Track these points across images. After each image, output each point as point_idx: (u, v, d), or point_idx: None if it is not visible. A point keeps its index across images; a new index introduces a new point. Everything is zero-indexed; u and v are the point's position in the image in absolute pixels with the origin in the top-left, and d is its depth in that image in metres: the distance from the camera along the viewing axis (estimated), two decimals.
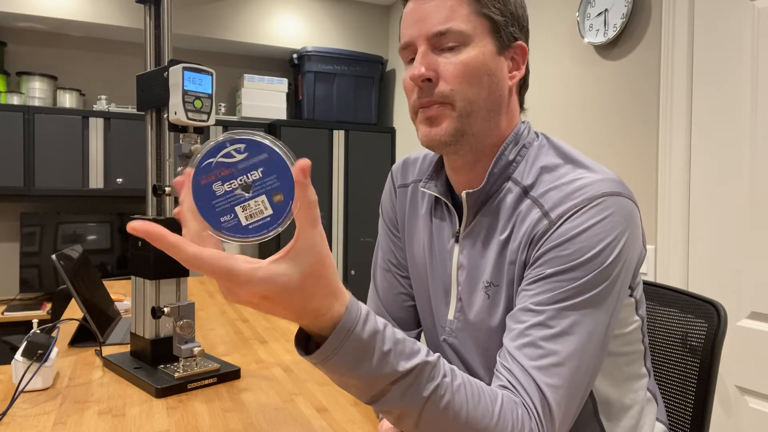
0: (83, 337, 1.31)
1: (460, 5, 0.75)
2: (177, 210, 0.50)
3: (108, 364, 1.14)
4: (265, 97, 3.45)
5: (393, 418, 0.60)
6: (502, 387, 0.67)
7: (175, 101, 1.03)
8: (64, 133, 2.97)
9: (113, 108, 3.19)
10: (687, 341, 0.99)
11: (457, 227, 0.84)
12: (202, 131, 1.09)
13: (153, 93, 1.11)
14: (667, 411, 1.01)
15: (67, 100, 3.11)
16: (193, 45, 3.49)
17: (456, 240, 0.84)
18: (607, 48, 2.08)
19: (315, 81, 3.43)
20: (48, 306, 2.94)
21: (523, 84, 0.84)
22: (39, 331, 1.03)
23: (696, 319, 0.98)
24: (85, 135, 3.02)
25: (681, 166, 1.79)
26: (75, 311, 1.66)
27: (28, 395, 0.99)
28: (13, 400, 0.94)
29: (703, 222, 1.73)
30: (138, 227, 0.46)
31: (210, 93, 1.07)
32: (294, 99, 3.69)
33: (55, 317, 1.93)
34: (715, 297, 1.68)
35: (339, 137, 3.45)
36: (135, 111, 3.17)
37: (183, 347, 1.06)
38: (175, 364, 1.10)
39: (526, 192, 0.77)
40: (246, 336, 1.41)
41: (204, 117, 1.06)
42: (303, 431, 0.87)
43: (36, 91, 3.03)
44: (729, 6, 1.66)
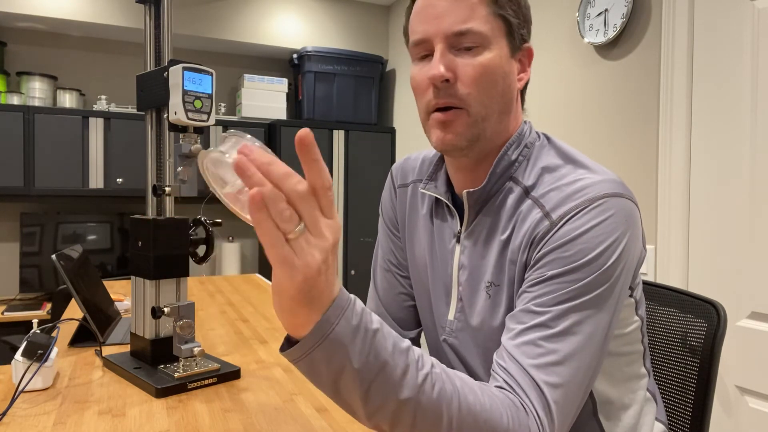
0: (83, 337, 1.31)
1: (480, 5, 0.74)
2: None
3: (108, 364, 1.14)
4: (265, 97, 3.45)
5: (387, 423, 0.59)
6: (498, 387, 0.66)
7: (175, 101, 1.02)
8: (64, 133, 2.97)
9: (113, 108, 3.19)
10: (687, 341, 0.99)
11: (458, 227, 0.84)
12: (202, 131, 1.09)
13: (153, 93, 1.11)
14: (667, 411, 1.01)
15: (67, 100, 3.11)
16: (193, 45, 3.49)
17: (457, 240, 0.84)
18: (607, 48, 2.08)
19: (315, 81, 3.43)
20: (48, 306, 2.94)
21: (525, 84, 0.84)
22: (39, 331, 1.03)
23: (696, 319, 0.98)
24: (85, 135, 3.02)
25: (681, 166, 1.79)
26: (75, 311, 1.66)
27: (28, 395, 0.99)
28: (13, 400, 0.94)
29: (703, 222, 1.73)
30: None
31: (210, 93, 1.07)
32: (294, 99, 3.69)
33: (55, 317, 1.93)
34: (715, 297, 1.68)
35: (339, 137, 3.45)
36: (135, 111, 3.17)
37: (183, 347, 1.06)
38: (175, 364, 1.10)
39: (527, 192, 0.77)
40: (246, 336, 1.41)
41: (204, 117, 1.06)
42: (303, 431, 0.87)
43: (36, 91, 3.03)
44: (729, 6, 1.66)
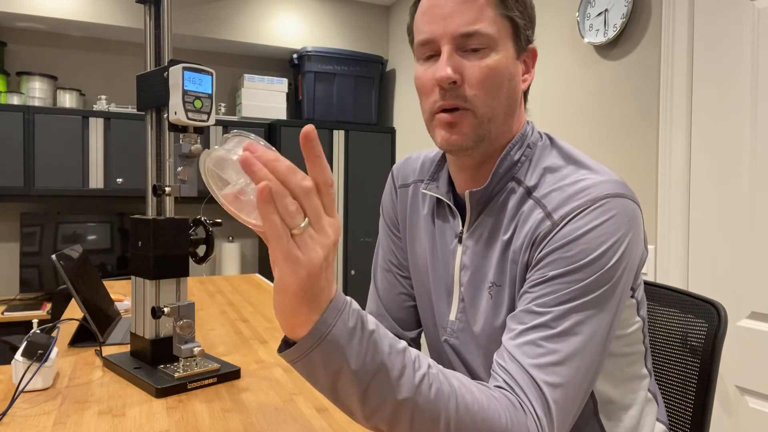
0: (83, 337, 1.31)
1: (487, 6, 0.74)
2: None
3: (108, 364, 1.14)
4: (265, 97, 3.45)
5: (385, 424, 0.59)
6: (498, 387, 0.66)
7: (175, 101, 1.02)
8: (64, 133, 2.96)
9: (113, 108, 3.19)
10: (687, 341, 0.99)
11: (460, 228, 0.84)
12: (202, 131, 1.09)
13: (153, 93, 1.11)
14: (668, 411, 1.01)
15: (67, 100, 3.10)
16: (193, 45, 3.49)
17: (459, 240, 0.84)
18: (607, 48, 2.08)
19: (315, 81, 3.43)
20: (48, 306, 2.94)
21: (529, 84, 0.84)
22: (39, 331, 1.03)
23: (696, 319, 0.98)
24: (85, 135, 3.02)
25: (681, 166, 1.79)
26: (75, 311, 1.66)
27: (28, 395, 0.99)
28: (13, 400, 0.94)
29: (703, 222, 1.73)
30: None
31: (210, 93, 1.07)
32: (294, 99, 3.69)
33: (55, 317, 1.93)
34: (715, 297, 1.68)
35: (339, 137, 3.45)
36: (135, 111, 3.17)
37: (183, 347, 1.06)
38: (175, 364, 1.10)
39: (529, 192, 0.77)
40: (246, 336, 1.41)
41: (204, 117, 1.06)
42: (303, 431, 0.87)
43: (36, 91, 3.02)
44: (729, 6, 1.66)
